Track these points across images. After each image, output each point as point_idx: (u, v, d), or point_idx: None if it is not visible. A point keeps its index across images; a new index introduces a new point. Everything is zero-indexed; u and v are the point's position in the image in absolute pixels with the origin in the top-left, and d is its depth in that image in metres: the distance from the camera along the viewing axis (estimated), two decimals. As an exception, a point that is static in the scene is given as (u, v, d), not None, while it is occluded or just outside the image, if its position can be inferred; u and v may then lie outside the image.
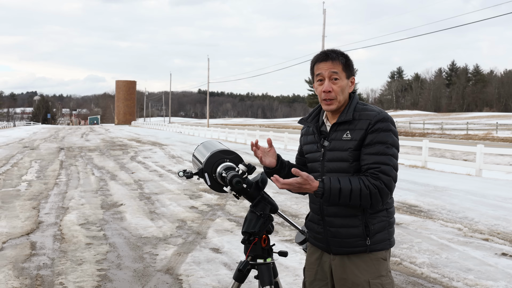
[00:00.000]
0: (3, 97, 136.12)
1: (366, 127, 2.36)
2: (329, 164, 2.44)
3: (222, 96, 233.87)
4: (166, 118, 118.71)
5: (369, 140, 2.35)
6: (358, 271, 2.39)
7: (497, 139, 35.34)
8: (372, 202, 2.31)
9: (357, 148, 2.37)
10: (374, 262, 2.41)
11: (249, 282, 3.82)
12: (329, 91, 2.40)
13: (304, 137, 2.65)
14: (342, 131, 2.42)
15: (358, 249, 2.40)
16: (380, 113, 2.38)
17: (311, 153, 2.55)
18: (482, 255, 5.90)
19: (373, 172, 2.31)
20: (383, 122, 2.36)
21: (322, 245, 2.50)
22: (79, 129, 65.88)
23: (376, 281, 2.38)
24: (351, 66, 2.47)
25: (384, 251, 2.44)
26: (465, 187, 11.50)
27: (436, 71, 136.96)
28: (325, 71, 2.41)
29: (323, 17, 40.52)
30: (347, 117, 2.41)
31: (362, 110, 2.43)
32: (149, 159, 18.80)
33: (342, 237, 2.41)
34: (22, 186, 11.54)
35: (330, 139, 2.46)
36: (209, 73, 70.04)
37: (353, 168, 2.39)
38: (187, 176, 2.58)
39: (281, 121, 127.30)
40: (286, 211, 8.48)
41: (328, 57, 2.42)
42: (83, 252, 6.01)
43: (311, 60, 2.51)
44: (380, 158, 2.32)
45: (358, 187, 2.27)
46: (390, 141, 2.35)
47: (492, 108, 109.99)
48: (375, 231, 2.40)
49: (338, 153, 2.41)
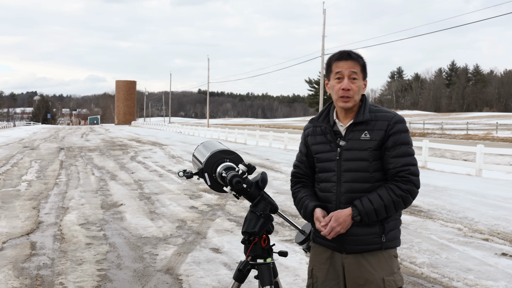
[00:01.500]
0: (3, 97, 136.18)
1: (386, 128, 2.44)
2: (347, 163, 2.47)
3: (222, 96, 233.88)
4: (166, 118, 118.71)
5: (392, 143, 2.43)
6: (373, 268, 2.43)
7: (497, 139, 35.35)
8: (405, 206, 2.45)
9: (377, 148, 2.44)
10: (387, 260, 2.46)
11: (249, 282, 3.82)
12: (348, 89, 2.46)
13: (311, 137, 2.63)
14: (360, 131, 2.47)
15: (373, 246, 2.44)
16: (396, 115, 2.49)
17: (324, 153, 2.55)
18: (482, 255, 5.90)
19: (404, 176, 2.41)
20: (401, 123, 2.47)
21: (334, 244, 2.50)
22: (79, 129, 65.88)
23: (389, 278, 2.43)
24: (366, 68, 2.55)
25: (395, 249, 2.52)
26: (465, 187, 11.50)
27: (436, 71, 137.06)
28: (346, 70, 2.47)
29: (323, 17, 40.53)
30: (365, 118, 2.46)
31: (376, 111, 2.50)
32: (149, 159, 18.80)
33: (358, 235, 2.44)
34: (22, 186, 11.54)
35: (347, 139, 2.48)
36: (209, 73, 70.10)
37: (372, 167, 2.44)
38: (187, 176, 2.58)
39: (281, 121, 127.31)
40: (286, 211, 8.48)
41: (350, 56, 2.49)
42: (83, 252, 6.01)
43: (329, 58, 2.57)
44: (407, 159, 2.43)
45: (390, 200, 2.39)
46: (410, 141, 2.48)
47: (492, 108, 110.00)
48: (389, 228, 2.47)
49: (357, 153, 2.45)
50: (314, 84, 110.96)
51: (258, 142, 30.81)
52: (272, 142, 28.51)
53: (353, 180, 2.44)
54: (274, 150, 24.75)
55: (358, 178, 2.44)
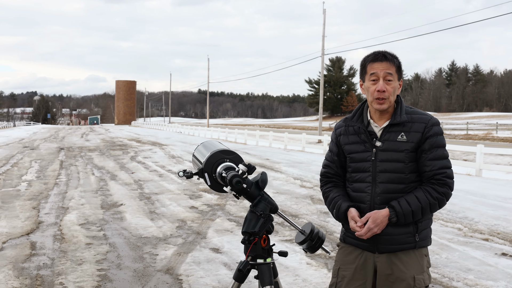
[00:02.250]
0: (3, 97, 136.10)
1: (423, 130, 2.45)
2: (383, 164, 2.47)
3: (222, 96, 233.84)
4: (166, 118, 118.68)
5: (429, 145, 2.44)
6: (405, 267, 2.45)
7: (497, 139, 35.34)
8: (439, 208, 2.47)
9: (413, 150, 2.45)
10: (419, 259, 2.49)
11: (249, 282, 3.81)
12: (383, 91, 2.45)
13: (343, 137, 2.62)
14: (396, 132, 2.47)
15: (407, 245, 2.46)
16: (432, 117, 2.50)
17: (358, 153, 2.55)
18: (482, 255, 5.90)
19: (440, 179, 2.43)
20: (437, 126, 2.48)
21: (367, 244, 2.51)
22: (79, 129, 65.88)
23: (420, 276, 2.46)
24: (402, 69, 2.54)
25: (426, 248, 2.55)
26: (465, 187, 11.49)
27: (436, 71, 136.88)
28: (381, 71, 2.46)
29: (323, 17, 40.50)
30: (402, 119, 2.47)
31: (412, 113, 2.51)
32: (149, 159, 18.80)
33: (393, 234, 2.45)
34: (22, 186, 11.54)
35: (383, 140, 2.49)
36: (210, 73, 70.10)
37: (408, 169, 2.45)
38: (187, 176, 2.58)
39: (281, 121, 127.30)
40: (286, 211, 8.48)
41: (386, 58, 2.48)
42: (83, 252, 6.01)
43: (364, 59, 2.55)
44: (443, 162, 2.45)
45: (427, 202, 2.41)
46: (445, 143, 2.51)
47: (492, 108, 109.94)
48: (422, 228, 2.49)
49: (393, 154, 2.46)
50: (314, 84, 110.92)
51: (258, 142, 30.80)
52: (272, 142, 28.50)
53: (389, 181, 2.45)
54: (274, 150, 24.75)
55: (394, 179, 2.46)
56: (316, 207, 8.92)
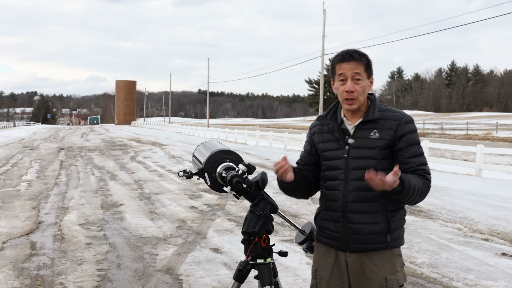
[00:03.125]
0: (3, 97, 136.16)
1: (396, 127, 2.44)
2: (355, 161, 2.46)
3: (222, 96, 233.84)
4: (166, 118, 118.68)
5: (405, 143, 2.44)
6: (376, 267, 2.44)
7: (497, 139, 35.33)
8: (422, 198, 2.44)
9: (385, 147, 2.44)
10: (391, 259, 2.47)
11: (249, 282, 3.81)
12: (351, 91, 2.44)
13: (318, 136, 2.62)
14: (369, 129, 2.47)
15: (378, 245, 2.45)
16: (406, 115, 2.49)
17: (331, 150, 2.54)
18: (482, 255, 5.90)
19: (420, 174, 2.42)
20: (411, 124, 2.48)
21: (339, 243, 2.50)
22: (79, 129, 65.87)
23: (392, 277, 2.44)
24: (371, 66, 2.52)
25: (399, 248, 2.54)
26: (465, 187, 11.49)
27: (436, 71, 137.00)
28: (348, 72, 2.45)
29: (323, 17, 40.54)
30: (375, 116, 2.46)
31: (386, 110, 2.51)
32: (149, 159, 18.80)
33: (364, 233, 2.44)
34: (22, 186, 11.54)
35: (356, 137, 2.48)
36: (210, 73, 70.11)
37: (380, 166, 2.43)
38: (187, 176, 2.58)
39: (281, 121, 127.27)
40: (286, 211, 8.48)
41: (353, 57, 2.46)
42: (83, 252, 6.01)
43: (333, 60, 2.55)
44: (421, 159, 2.46)
45: (421, 185, 2.39)
46: (419, 141, 2.51)
47: (492, 108, 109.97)
48: (395, 227, 2.48)
49: (365, 151, 2.45)
50: (314, 84, 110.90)
51: (258, 142, 30.80)
52: (272, 142, 28.50)
53: (361, 178, 2.42)
54: (274, 150, 24.74)
55: None
56: (316, 207, 8.91)
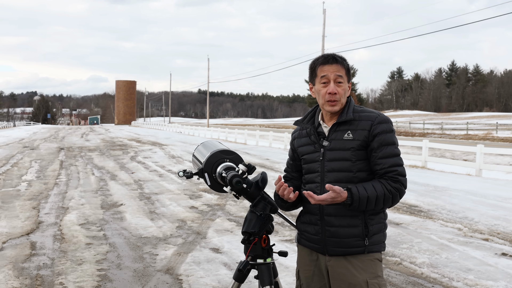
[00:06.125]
0: (3, 97, 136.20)
1: (369, 128, 2.42)
2: (330, 163, 2.45)
3: (222, 96, 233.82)
4: (166, 118, 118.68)
5: (378, 143, 2.41)
6: (356, 271, 2.41)
7: (497, 139, 35.33)
8: (393, 204, 2.42)
9: (359, 148, 2.42)
10: (371, 263, 2.44)
11: (249, 282, 3.82)
12: (335, 93, 2.44)
13: (297, 140, 2.64)
14: (343, 131, 2.46)
15: (356, 249, 2.42)
16: (380, 115, 2.46)
17: (308, 154, 2.55)
18: (482, 255, 5.90)
19: (392, 176, 2.40)
20: (385, 124, 2.44)
21: (318, 246, 2.50)
22: (79, 129, 65.87)
23: (374, 281, 2.41)
24: (350, 71, 2.55)
25: (379, 253, 2.49)
26: (465, 187, 11.49)
27: (436, 71, 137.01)
28: (331, 74, 2.45)
29: (323, 17, 40.55)
30: (348, 117, 2.45)
31: (360, 111, 2.49)
32: (149, 159, 18.80)
33: (341, 237, 2.42)
34: (22, 186, 11.53)
35: (330, 139, 2.48)
36: (211, 73, 70.12)
37: (355, 167, 2.42)
38: (187, 176, 2.58)
39: (281, 121, 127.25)
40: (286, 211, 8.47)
41: (336, 60, 2.47)
42: (83, 252, 6.01)
43: (313, 62, 2.53)
44: (394, 160, 2.41)
45: (382, 193, 2.36)
46: (396, 141, 2.46)
47: (492, 108, 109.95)
48: (373, 232, 2.45)
49: (339, 153, 2.44)
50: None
51: (258, 142, 30.80)
52: (272, 142, 28.50)
53: (336, 180, 2.41)
54: (274, 150, 24.74)
55: (341, 178, 2.42)
56: (316, 207, 8.91)
